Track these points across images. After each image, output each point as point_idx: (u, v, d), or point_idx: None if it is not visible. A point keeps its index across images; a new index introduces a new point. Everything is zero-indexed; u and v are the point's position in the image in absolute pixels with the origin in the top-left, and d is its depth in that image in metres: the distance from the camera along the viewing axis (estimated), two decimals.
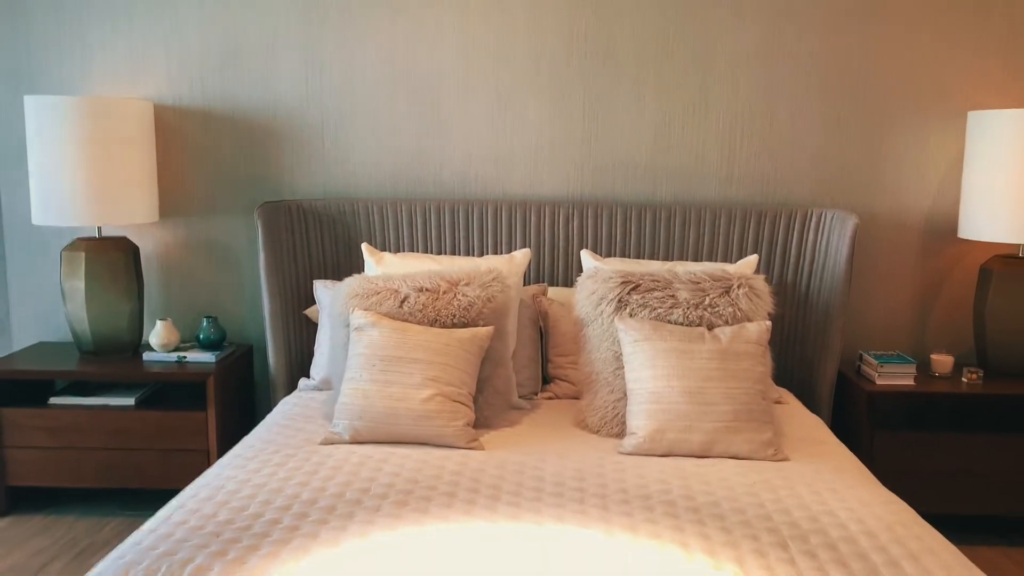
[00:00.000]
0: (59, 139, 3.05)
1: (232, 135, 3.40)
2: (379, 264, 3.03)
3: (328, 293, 3.05)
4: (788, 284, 3.25)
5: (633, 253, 3.27)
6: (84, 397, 3.17)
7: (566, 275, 3.29)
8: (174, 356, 3.21)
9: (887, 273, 3.40)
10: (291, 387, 3.20)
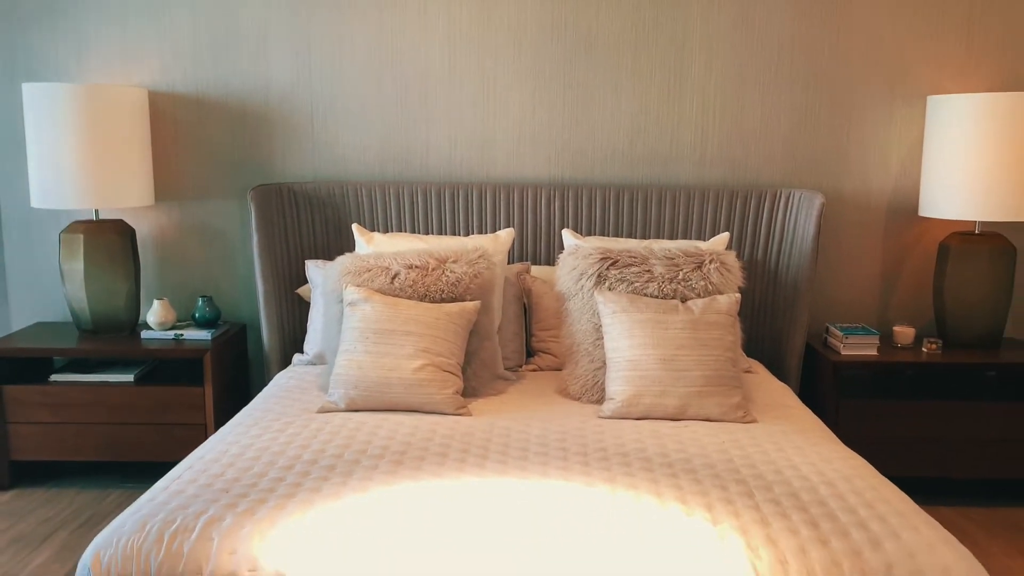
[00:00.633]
0: (57, 125, 3.14)
1: (225, 121, 3.50)
2: (369, 244, 3.14)
3: (320, 272, 3.16)
4: (758, 261, 3.41)
5: (612, 232, 3.41)
6: (84, 374, 3.27)
7: (548, 255, 3.42)
8: (171, 334, 3.31)
9: (852, 250, 3.56)
10: (284, 364, 3.31)
